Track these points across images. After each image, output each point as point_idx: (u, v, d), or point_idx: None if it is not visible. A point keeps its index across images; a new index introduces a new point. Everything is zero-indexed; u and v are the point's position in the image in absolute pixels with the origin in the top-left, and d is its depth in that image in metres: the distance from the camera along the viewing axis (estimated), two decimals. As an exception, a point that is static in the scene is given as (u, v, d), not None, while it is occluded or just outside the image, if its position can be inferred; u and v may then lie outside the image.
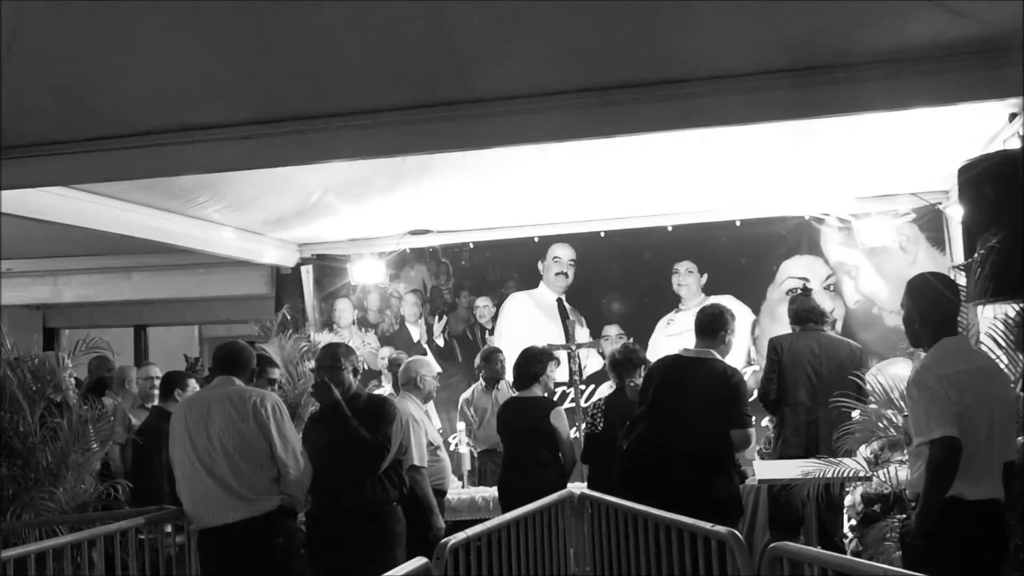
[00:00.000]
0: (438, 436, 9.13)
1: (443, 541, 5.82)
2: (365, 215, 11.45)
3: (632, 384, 8.75)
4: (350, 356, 7.17)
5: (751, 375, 11.71)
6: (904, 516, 6.89)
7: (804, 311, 9.50)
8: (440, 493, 8.82)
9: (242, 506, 6.65)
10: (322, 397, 7.07)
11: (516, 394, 9.20)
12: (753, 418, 7.43)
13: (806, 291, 9.80)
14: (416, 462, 8.09)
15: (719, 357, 7.56)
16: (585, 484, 8.56)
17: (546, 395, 9.12)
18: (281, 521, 6.77)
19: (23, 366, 8.44)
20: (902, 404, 6.72)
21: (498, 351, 10.95)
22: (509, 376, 10.32)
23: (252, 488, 6.67)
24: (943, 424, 5.16)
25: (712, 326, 7.65)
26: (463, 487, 10.42)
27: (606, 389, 10.56)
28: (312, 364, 9.14)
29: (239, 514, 6.64)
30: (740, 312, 11.66)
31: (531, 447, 8.72)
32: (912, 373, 5.63)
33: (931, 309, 5.59)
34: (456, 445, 11.40)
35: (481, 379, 11.18)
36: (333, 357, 7.08)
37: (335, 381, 6.97)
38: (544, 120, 6.50)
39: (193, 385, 9.09)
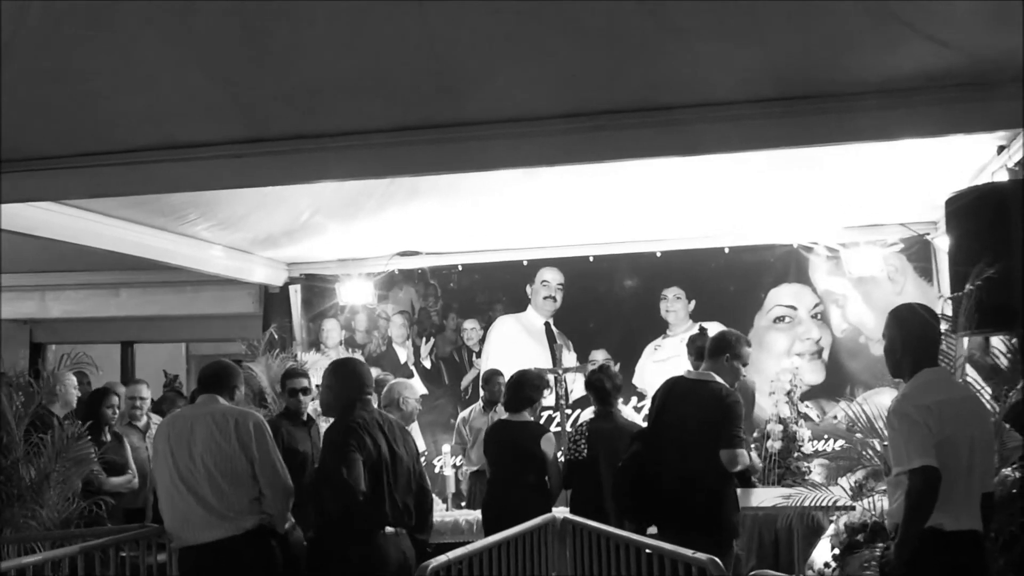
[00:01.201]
0: None
1: (424, 564, 5.78)
2: (354, 236, 11.45)
3: (614, 409, 8.77)
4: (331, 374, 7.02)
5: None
6: (884, 546, 6.89)
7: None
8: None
9: (222, 525, 6.62)
10: None
11: (506, 417, 9.16)
12: (744, 439, 7.33)
13: (702, 330, 9.83)
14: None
15: (718, 379, 7.44)
16: (568, 509, 8.53)
17: (533, 419, 9.10)
18: (260, 540, 6.73)
19: (7, 380, 8.41)
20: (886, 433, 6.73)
21: (499, 373, 10.97)
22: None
23: (232, 507, 6.64)
24: (922, 454, 5.17)
25: (717, 348, 7.58)
26: (447, 509, 10.38)
27: (587, 414, 10.58)
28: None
29: (218, 532, 6.61)
30: (727, 340, 11.73)
31: (519, 471, 8.69)
32: (892, 403, 5.64)
33: (912, 339, 5.61)
34: (441, 467, 11.42)
35: (480, 400, 11.26)
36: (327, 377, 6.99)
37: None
38: (534, 144, 6.49)
39: None
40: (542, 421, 10.28)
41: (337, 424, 6.69)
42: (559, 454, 9.16)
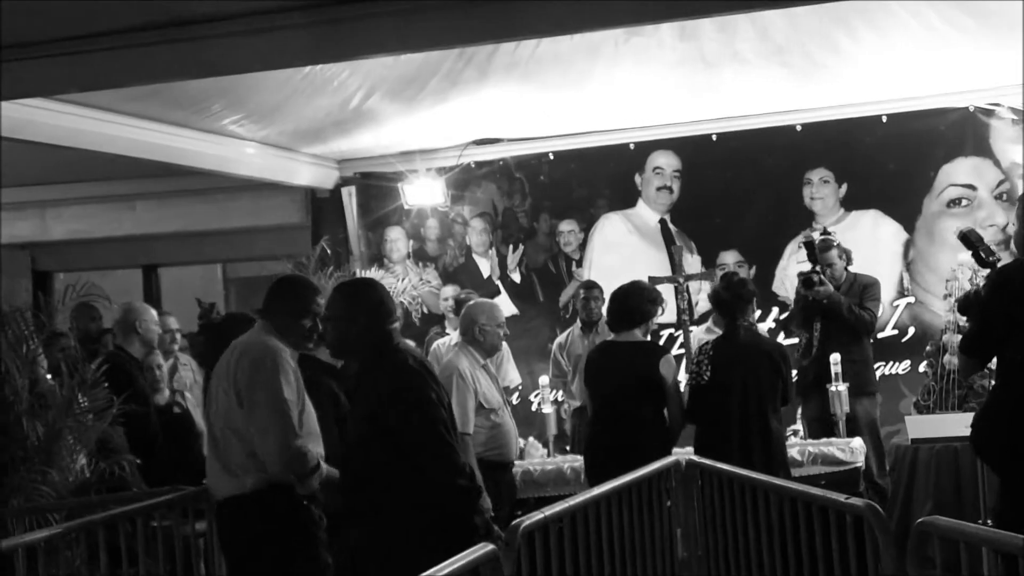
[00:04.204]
0: (497, 396, 8.85)
1: (515, 523, 5.68)
2: (419, 123, 11.46)
3: (747, 324, 8.70)
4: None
5: (906, 308, 11.66)
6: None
7: None
8: (500, 466, 8.67)
9: (229, 481, 6.39)
10: None
11: (612, 338, 9.09)
12: None
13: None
14: (459, 428, 7.69)
15: None
16: (692, 449, 8.50)
17: (647, 339, 9.07)
18: (269, 502, 6.34)
19: (8, 320, 8.49)
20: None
21: (595, 286, 11.10)
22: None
23: (231, 461, 6.38)
24: None
25: None
26: (548, 455, 10.40)
27: (702, 333, 10.53)
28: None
29: (228, 489, 6.40)
30: (890, 231, 11.61)
31: (630, 403, 8.55)
32: None
33: None
34: (539, 404, 11.41)
35: (578, 321, 11.32)
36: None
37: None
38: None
39: None
40: (661, 342, 10.25)
41: (397, 369, 6.17)
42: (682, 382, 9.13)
